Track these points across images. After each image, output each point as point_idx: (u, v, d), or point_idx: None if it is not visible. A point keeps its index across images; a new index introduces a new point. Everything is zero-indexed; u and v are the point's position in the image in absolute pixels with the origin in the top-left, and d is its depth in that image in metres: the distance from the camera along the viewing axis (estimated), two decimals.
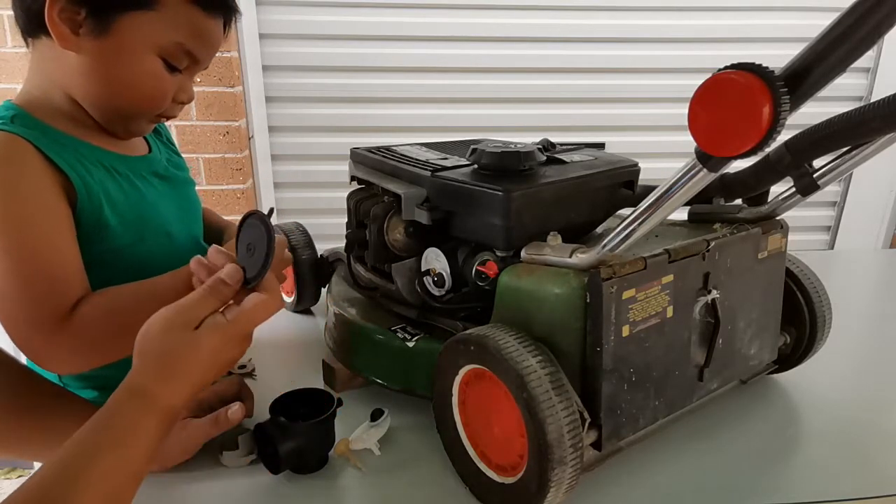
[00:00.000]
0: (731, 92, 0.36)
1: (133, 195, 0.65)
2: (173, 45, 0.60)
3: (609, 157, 0.72)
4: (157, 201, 0.69)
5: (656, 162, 1.29)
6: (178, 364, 0.45)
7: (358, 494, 0.58)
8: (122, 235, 0.63)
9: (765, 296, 0.66)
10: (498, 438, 0.53)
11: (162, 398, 0.45)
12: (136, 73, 0.60)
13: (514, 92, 1.84)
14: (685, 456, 0.62)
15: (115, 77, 0.60)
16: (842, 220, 2.03)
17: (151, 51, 0.59)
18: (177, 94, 0.64)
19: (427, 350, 0.64)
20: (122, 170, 0.65)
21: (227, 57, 1.59)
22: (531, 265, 0.56)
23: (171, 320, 0.46)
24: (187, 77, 0.64)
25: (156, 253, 0.66)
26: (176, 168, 0.76)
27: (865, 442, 0.65)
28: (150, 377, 0.45)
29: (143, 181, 0.68)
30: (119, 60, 0.59)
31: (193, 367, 0.46)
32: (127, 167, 0.66)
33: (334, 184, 1.77)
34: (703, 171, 0.42)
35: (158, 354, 0.45)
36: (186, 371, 0.46)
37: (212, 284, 0.47)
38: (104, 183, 0.62)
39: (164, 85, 0.62)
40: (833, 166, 0.58)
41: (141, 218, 0.65)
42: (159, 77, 0.61)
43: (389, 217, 0.69)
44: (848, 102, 1.83)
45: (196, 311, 0.46)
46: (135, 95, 0.62)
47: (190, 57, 0.62)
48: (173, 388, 0.46)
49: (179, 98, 0.65)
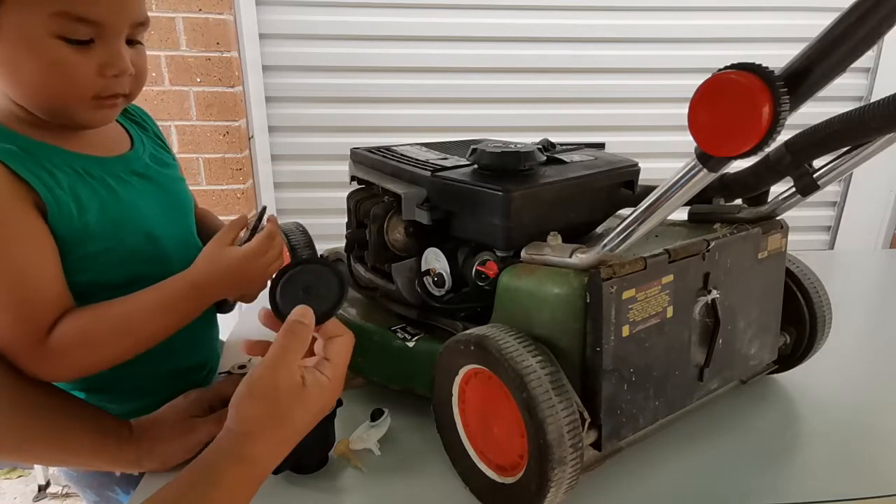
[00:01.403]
0: (731, 92, 0.36)
1: (107, 198, 0.62)
2: (54, 19, 0.53)
3: (609, 157, 0.72)
4: (136, 201, 0.66)
5: (656, 162, 1.29)
6: (285, 425, 0.46)
7: (358, 494, 0.58)
8: (99, 240, 0.61)
9: (765, 296, 0.66)
10: (498, 438, 0.53)
11: (266, 462, 0.45)
12: (41, 65, 0.55)
13: (514, 92, 1.84)
14: (685, 456, 0.62)
15: (24, 77, 0.56)
16: (842, 220, 2.03)
17: (42, 35, 0.53)
18: (102, 69, 0.56)
19: (427, 350, 0.64)
20: (96, 173, 0.62)
21: (227, 57, 1.59)
22: (531, 265, 0.56)
23: (277, 380, 0.46)
24: (105, 47, 0.56)
25: (138, 254, 0.64)
26: (160, 165, 0.72)
27: (865, 442, 0.65)
28: (257, 443, 0.45)
29: (119, 182, 0.65)
30: (19, 59, 0.55)
31: (300, 428, 0.47)
32: (101, 169, 0.63)
33: (334, 184, 1.77)
34: (703, 171, 0.42)
35: (267, 418, 0.45)
36: (295, 433, 0.47)
37: (291, 329, 0.48)
38: (75, 188, 0.59)
39: (73, 66, 0.55)
40: (833, 166, 0.58)
41: (118, 220, 0.63)
42: (64, 60, 0.55)
43: (389, 217, 0.69)
44: (848, 102, 1.83)
45: (291, 362, 0.47)
46: (51, 88, 0.56)
47: (86, 23, 0.54)
48: (274, 448, 0.46)
49: (107, 72, 0.57)
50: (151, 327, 0.60)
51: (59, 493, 1.71)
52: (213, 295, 0.62)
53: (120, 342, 0.59)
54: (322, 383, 0.48)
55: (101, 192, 0.62)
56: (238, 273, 0.61)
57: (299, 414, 0.46)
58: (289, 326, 0.48)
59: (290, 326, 0.48)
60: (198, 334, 0.76)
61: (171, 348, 0.64)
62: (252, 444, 0.44)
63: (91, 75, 0.56)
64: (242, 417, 0.45)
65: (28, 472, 1.77)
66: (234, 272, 0.61)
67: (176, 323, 0.61)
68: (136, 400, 0.69)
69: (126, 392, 0.70)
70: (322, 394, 0.48)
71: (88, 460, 0.61)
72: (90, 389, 0.68)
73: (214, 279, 0.61)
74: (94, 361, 0.59)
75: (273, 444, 0.46)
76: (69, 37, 0.54)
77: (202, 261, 0.61)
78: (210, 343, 0.82)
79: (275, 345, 0.47)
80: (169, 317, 0.60)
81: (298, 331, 0.48)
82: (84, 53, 0.55)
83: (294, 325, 0.48)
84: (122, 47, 0.58)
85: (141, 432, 0.61)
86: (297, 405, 0.46)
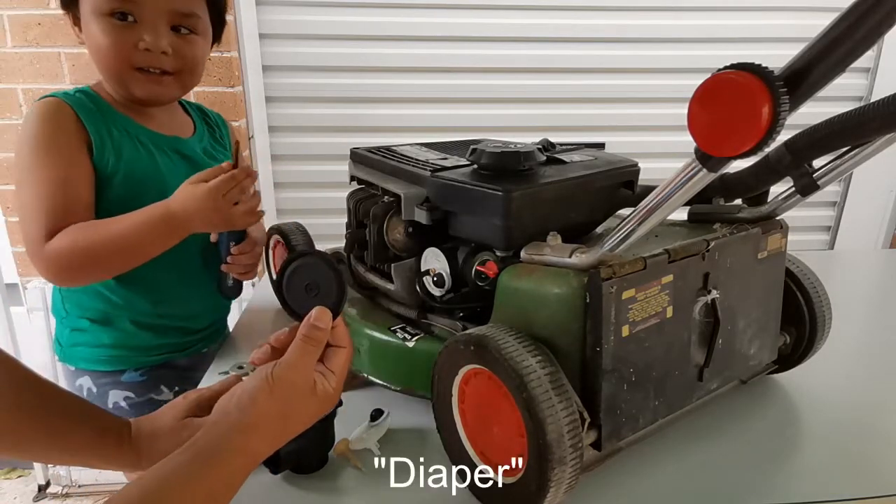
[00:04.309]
0: (731, 92, 0.36)
1: (145, 159, 0.80)
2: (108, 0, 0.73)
3: (609, 157, 0.72)
4: (167, 173, 0.81)
5: (656, 162, 1.29)
6: (292, 427, 0.48)
7: (358, 494, 0.58)
8: (123, 186, 0.77)
9: (765, 296, 0.66)
10: (498, 438, 0.53)
11: (258, 452, 0.46)
12: (96, 38, 0.74)
13: (514, 92, 1.84)
14: (685, 456, 0.62)
15: (92, 49, 0.76)
16: (842, 220, 2.03)
17: (99, 14, 0.73)
18: (138, 42, 0.75)
19: (427, 350, 0.64)
20: (145, 140, 0.80)
21: (227, 57, 1.59)
22: (531, 265, 0.56)
23: (295, 382, 0.47)
24: (145, 27, 0.75)
25: None
26: (208, 157, 0.89)
27: (865, 442, 0.65)
28: (261, 438, 0.46)
29: (161, 153, 0.82)
30: (88, 36, 0.75)
31: (297, 430, 0.49)
32: (150, 139, 0.81)
33: (334, 184, 1.77)
34: (702, 171, 0.42)
35: (275, 416, 0.46)
36: (291, 433, 0.48)
37: (310, 335, 0.50)
38: (121, 142, 0.78)
39: (117, 38, 0.74)
40: (833, 166, 0.58)
41: (144, 178, 0.79)
42: (110, 32, 0.74)
43: (389, 217, 0.69)
44: (848, 102, 1.83)
45: (308, 366, 0.49)
46: (102, 55, 0.75)
47: (126, 2, 0.73)
48: (270, 443, 0.47)
49: (140, 45, 0.75)
50: (133, 241, 0.72)
51: (59, 493, 1.71)
52: (186, 221, 0.73)
53: (104, 251, 0.71)
54: (328, 391, 0.49)
55: (141, 153, 0.79)
56: (204, 204, 0.72)
57: (301, 417, 0.48)
58: (307, 331, 0.50)
59: (309, 331, 0.49)
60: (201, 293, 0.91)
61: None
62: (258, 439, 0.45)
63: (131, 47, 0.74)
64: (257, 411, 0.46)
65: (28, 472, 1.77)
66: (202, 203, 0.72)
67: (152, 241, 0.73)
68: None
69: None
70: (325, 401, 0.49)
71: (87, 459, 0.61)
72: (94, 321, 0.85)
73: (186, 206, 0.72)
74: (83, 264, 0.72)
75: (272, 441, 0.47)
76: (114, 12, 0.73)
77: (179, 192, 0.73)
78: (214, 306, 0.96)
79: (295, 347, 0.49)
80: (148, 234, 0.72)
81: (316, 336, 0.50)
82: (128, 29, 0.74)
83: (312, 330, 0.50)
84: (161, 29, 0.75)
85: (140, 432, 0.61)
86: (303, 408, 0.48)
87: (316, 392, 0.48)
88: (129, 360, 0.87)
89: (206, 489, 0.43)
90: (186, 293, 0.89)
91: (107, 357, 0.85)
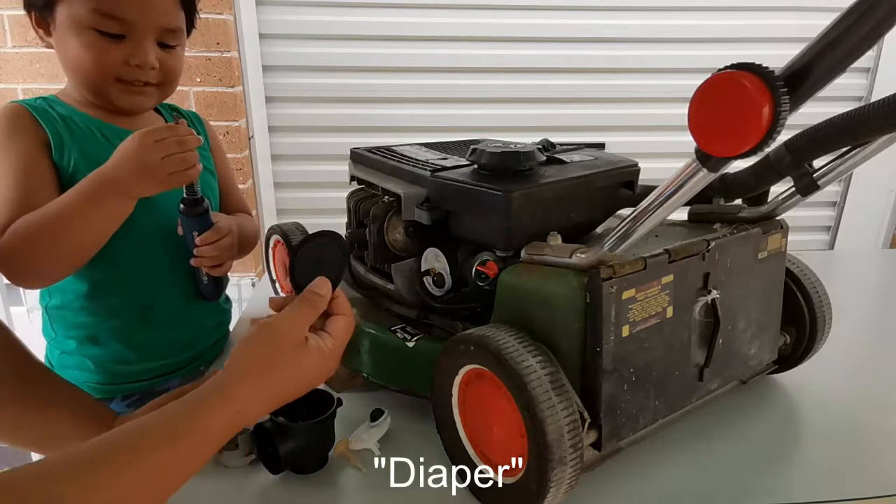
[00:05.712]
0: (731, 92, 0.36)
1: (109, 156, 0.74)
2: (92, 13, 0.69)
3: (609, 157, 0.72)
4: None
5: (656, 162, 1.29)
6: (276, 375, 0.47)
7: (358, 494, 0.58)
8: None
9: (765, 296, 0.66)
10: (498, 438, 0.53)
11: (247, 409, 0.45)
12: (78, 50, 0.71)
13: (514, 92, 1.84)
14: (685, 456, 0.62)
15: (69, 59, 0.73)
16: (842, 220, 2.03)
17: (82, 26, 0.70)
18: (127, 59, 0.72)
19: (427, 350, 0.64)
20: (113, 139, 0.76)
21: (227, 57, 1.59)
22: (531, 265, 0.56)
23: (281, 332, 0.48)
24: (133, 42, 0.72)
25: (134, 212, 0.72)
26: None
27: (865, 442, 0.65)
28: (245, 385, 0.45)
29: None
30: (66, 45, 0.72)
31: (288, 383, 0.48)
32: (118, 136, 0.75)
33: (334, 184, 1.77)
34: (702, 171, 0.42)
35: (260, 362, 0.46)
36: (283, 391, 0.47)
37: (307, 297, 0.51)
38: (84, 139, 0.75)
39: (103, 53, 0.71)
40: (833, 166, 0.58)
41: None
42: (95, 46, 0.71)
43: (389, 217, 0.69)
44: (848, 102, 1.83)
45: (302, 325, 0.49)
46: (85, 68, 0.72)
47: (116, 20, 0.70)
48: (259, 398, 0.46)
49: (130, 61, 0.73)
50: (68, 213, 0.67)
51: None
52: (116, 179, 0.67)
53: (46, 232, 0.67)
54: (322, 349, 0.49)
55: (107, 150, 0.72)
56: (137, 161, 0.67)
57: (292, 371, 0.47)
58: (305, 294, 0.51)
59: (306, 294, 0.51)
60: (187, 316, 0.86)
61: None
62: (240, 385, 0.45)
63: (117, 62, 0.72)
64: (238, 357, 0.46)
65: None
66: (133, 160, 0.67)
67: (89, 209, 0.67)
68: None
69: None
70: (320, 359, 0.49)
71: (64, 441, 0.61)
72: (82, 340, 0.81)
73: (118, 166, 0.68)
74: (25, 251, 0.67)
75: (259, 392, 0.46)
76: (102, 30, 0.70)
77: (112, 157, 0.69)
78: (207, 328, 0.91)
79: (290, 305, 0.50)
80: (82, 204, 0.67)
81: (313, 299, 0.51)
82: (115, 44, 0.71)
83: (310, 294, 0.51)
84: (149, 45, 0.73)
85: (123, 421, 0.61)
86: (293, 360, 0.47)
87: (307, 345, 0.48)
88: (116, 390, 0.82)
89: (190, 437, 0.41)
90: (173, 296, 0.84)
91: (94, 384, 0.81)
